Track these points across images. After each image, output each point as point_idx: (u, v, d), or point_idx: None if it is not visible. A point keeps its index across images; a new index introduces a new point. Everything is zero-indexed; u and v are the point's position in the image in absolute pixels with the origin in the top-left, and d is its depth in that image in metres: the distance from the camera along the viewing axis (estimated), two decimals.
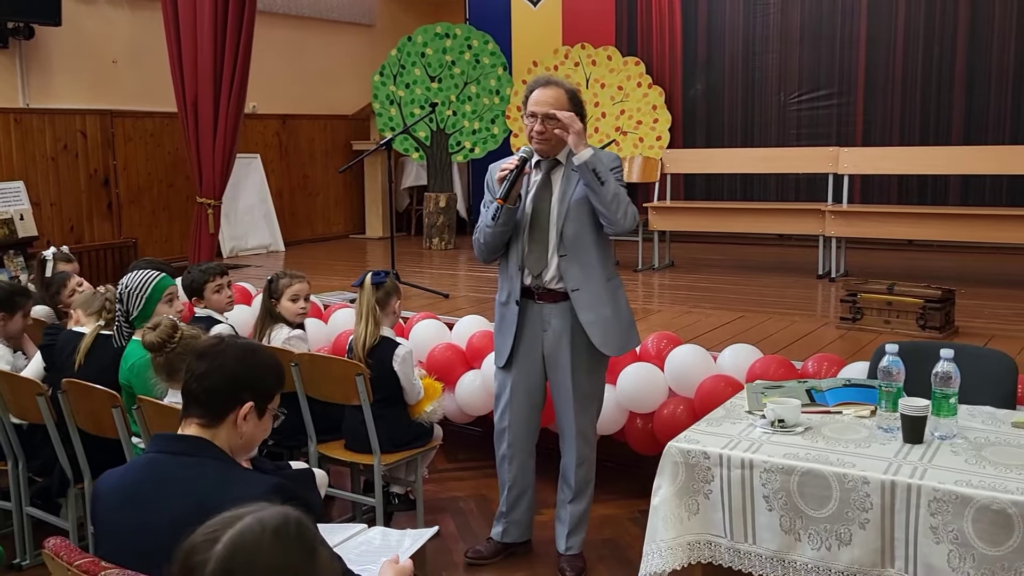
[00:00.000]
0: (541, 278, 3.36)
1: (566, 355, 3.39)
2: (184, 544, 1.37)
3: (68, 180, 7.53)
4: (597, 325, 3.34)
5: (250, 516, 1.37)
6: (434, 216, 8.65)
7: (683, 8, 8.54)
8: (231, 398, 2.03)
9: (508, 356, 3.46)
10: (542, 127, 3.26)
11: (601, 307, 3.35)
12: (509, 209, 3.28)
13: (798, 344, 4.58)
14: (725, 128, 8.47)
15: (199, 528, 1.38)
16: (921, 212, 6.53)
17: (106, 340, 3.64)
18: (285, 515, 1.38)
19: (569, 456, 3.52)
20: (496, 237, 3.36)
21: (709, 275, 6.82)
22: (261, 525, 1.35)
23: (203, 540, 1.35)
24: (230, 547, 1.33)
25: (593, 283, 3.34)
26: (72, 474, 3.51)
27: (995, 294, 5.71)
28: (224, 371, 2.03)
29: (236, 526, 1.35)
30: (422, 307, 5.61)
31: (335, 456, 3.87)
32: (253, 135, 8.95)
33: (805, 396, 2.85)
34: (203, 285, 4.20)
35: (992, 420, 2.66)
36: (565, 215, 3.31)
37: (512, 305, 3.41)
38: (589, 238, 3.34)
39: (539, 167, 3.39)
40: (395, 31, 9.86)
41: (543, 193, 3.36)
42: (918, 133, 7.64)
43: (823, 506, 2.35)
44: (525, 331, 3.43)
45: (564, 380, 3.43)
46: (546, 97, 3.26)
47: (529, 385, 3.50)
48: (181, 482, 1.94)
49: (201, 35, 6.89)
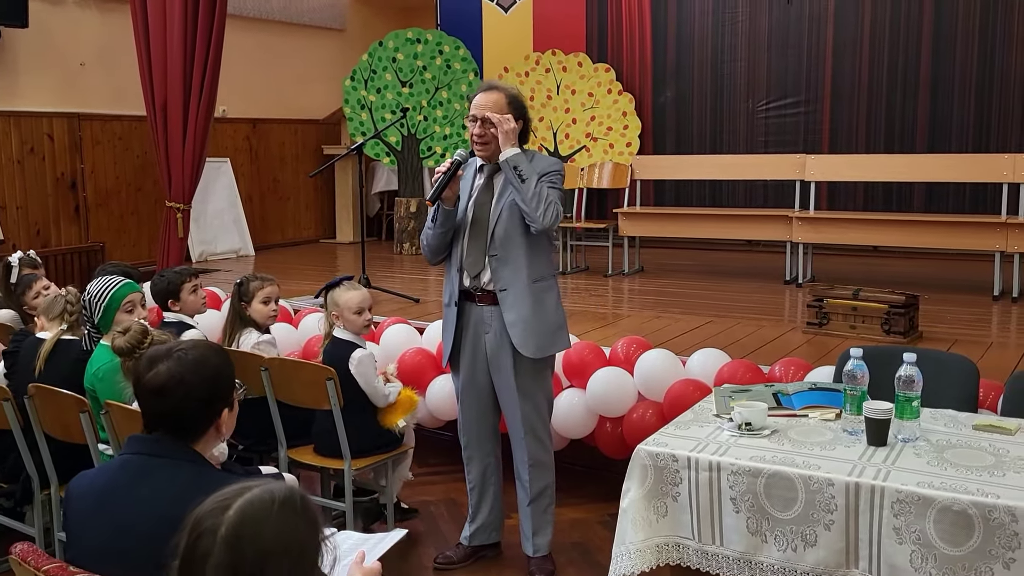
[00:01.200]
0: (479, 279, 3.39)
1: (507, 356, 3.41)
2: (193, 513, 1.43)
3: (34, 183, 7.45)
4: (516, 326, 3.35)
5: (259, 487, 1.44)
6: (405, 221, 8.65)
7: (653, 16, 8.61)
8: (209, 417, 2.06)
9: (450, 357, 3.52)
10: (480, 130, 3.30)
11: (522, 308, 3.35)
12: (446, 211, 3.34)
13: (765, 348, 4.63)
14: (694, 135, 8.54)
15: (208, 498, 1.44)
16: (886, 219, 6.63)
17: (67, 345, 3.60)
18: (291, 489, 1.46)
19: (520, 456, 3.53)
20: (437, 238, 3.41)
21: (678, 280, 6.88)
22: (271, 495, 1.42)
23: (214, 507, 1.41)
24: (240, 513, 1.39)
25: (519, 284, 3.34)
26: (39, 480, 3.48)
27: (958, 300, 5.80)
28: (194, 397, 2.02)
29: (246, 495, 1.42)
30: (393, 312, 5.61)
31: (305, 461, 3.86)
32: (223, 139, 8.90)
33: (772, 400, 2.89)
34: (179, 286, 4.19)
35: (954, 423, 2.71)
36: (498, 216, 3.35)
37: (452, 307, 3.47)
38: (519, 239, 3.35)
39: (483, 171, 3.43)
40: (366, 36, 9.86)
41: (484, 197, 3.40)
42: (883, 141, 7.75)
43: (789, 508, 2.39)
44: (467, 332, 3.47)
45: (508, 381, 3.45)
46: (484, 101, 3.31)
47: (477, 387, 3.53)
48: (156, 484, 1.94)
49: (171, 38, 6.84)
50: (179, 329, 3.95)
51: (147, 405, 2.04)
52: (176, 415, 2.01)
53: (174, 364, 2.03)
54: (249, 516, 1.39)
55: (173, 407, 2.00)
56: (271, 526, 1.40)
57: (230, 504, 1.41)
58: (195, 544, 1.40)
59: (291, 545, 1.41)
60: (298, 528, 1.42)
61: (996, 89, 7.35)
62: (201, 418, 2.04)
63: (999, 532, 2.13)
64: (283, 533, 1.41)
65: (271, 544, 1.39)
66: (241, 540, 1.38)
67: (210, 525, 1.39)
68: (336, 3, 10.26)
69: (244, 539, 1.38)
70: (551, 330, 3.44)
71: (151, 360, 2.06)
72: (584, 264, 7.51)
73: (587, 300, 6.23)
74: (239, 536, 1.38)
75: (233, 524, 1.38)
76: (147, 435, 2.05)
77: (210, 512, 1.41)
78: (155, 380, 2.01)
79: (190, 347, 2.09)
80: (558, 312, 3.49)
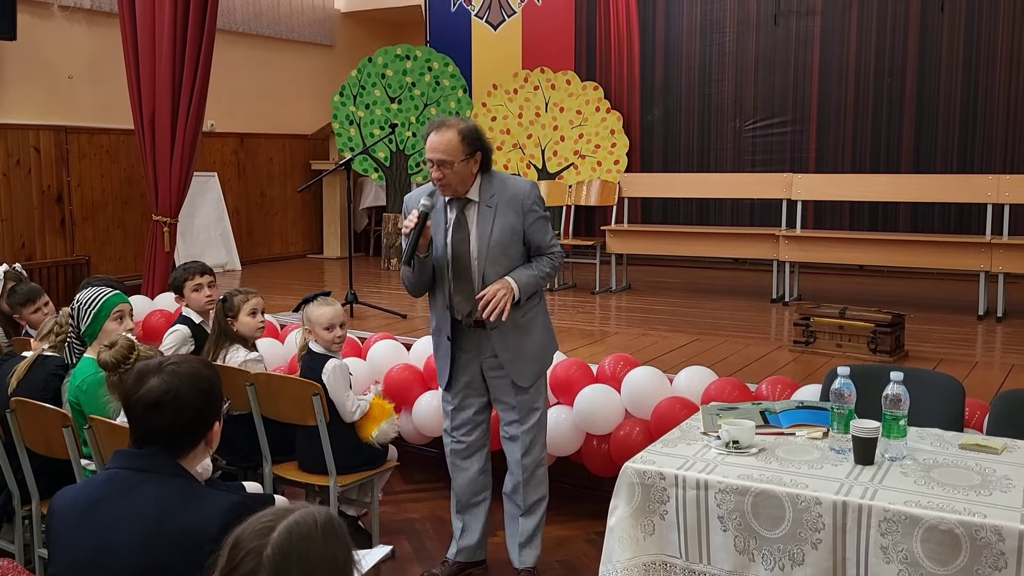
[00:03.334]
0: (470, 316, 3.40)
1: (506, 381, 3.43)
2: (230, 536, 1.44)
3: (20, 196, 7.41)
4: (514, 363, 3.40)
5: (301, 511, 1.46)
6: (392, 236, 8.64)
7: (641, 34, 8.66)
8: (202, 430, 2.06)
9: (448, 379, 3.50)
10: (438, 173, 3.26)
11: (516, 342, 3.39)
12: (421, 259, 3.32)
13: (752, 367, 4.64)
14: (681, 153, 8.58)
15: (246, 521, 1.46)
16: (872, 238, 6.66)
17: (44, 359, 3.58)
18: (330, 513, 1.49)
19: (516, 469, 3.53)
20: (417, 284, 3.41)
21: (665, 298, 6.89)
22: (314, 518, 1.45)
23: (257, 528, 1.43)
24: (286, 535, 1.41)
25: (508, 322, 3.33)
26: (20, 496, 3.44)
27: (944, 319, 5.83)
28: (189, 411, 2.02)
29: (290, 518, 1.44)
30: (380, 327, 5.59)
31: (289, 477, 3.83)
32: (211, 153, 8.89)
33: (759, 418, 2.89)
34: (183, 282, 4.37)
35: (940, 442, 2.71)
36: (486, 257, 3.33)
37: (444, 339, 3.47)
38: None
39: (452, 205, 3.38)
40: (355, 52, 9.88)
41: (460, 233, 3.36)
42: (869, 161, 7.80)
43: (776, 526, 2.38)
44: (461, 356, 3.47)
45: (507, 401, 3.46)
46: (438, 142, 3.25)
47: (472, 405, 3.53)
48: (142, 498, 1.92)
49: (160, 52, 6.83)
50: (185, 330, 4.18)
51: (140, 420, 2.02)
52: (171, 429, 2.00)
53: (169, 378, 2.03)
54: (296, 538, 1.41)
55: (169, 421, 2.00)
56: (316, 548, 1.42)
57: (274, 526, 1.42)
58: (238, 564, 1.41)
59: (334, 568, 1.44)
60: (339, 551, 1.45)
61: (980, 110, 7.41)
62: (195, 431, 2.04)
63: (986, 551, 2.14)
64: (326, 556, 1.43)
65: (316, 566, 1.42)
66: (287, 561, 1.39)
67: (254, 546, 1.40)
68: (326, 19, 10.28)
69: (290, 561, 1.39)
70: (544, 353, 3.51)
71: (142, 375, 2.05)
72: (572, 281, 7.52)
73: (574, 317, 6.23)
74: (286, 557, 1.39)
75: (279, 545, 1.40)
76: (134, 449, 2.03)
77: (255, 533, 1.42)
78: (150, 395, 2.00)
79: (181, 360, 2.10)
80: (547, 332, 3.53)
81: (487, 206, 3.33)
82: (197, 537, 1.86)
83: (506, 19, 9.21)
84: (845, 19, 7.81)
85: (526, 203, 3.35)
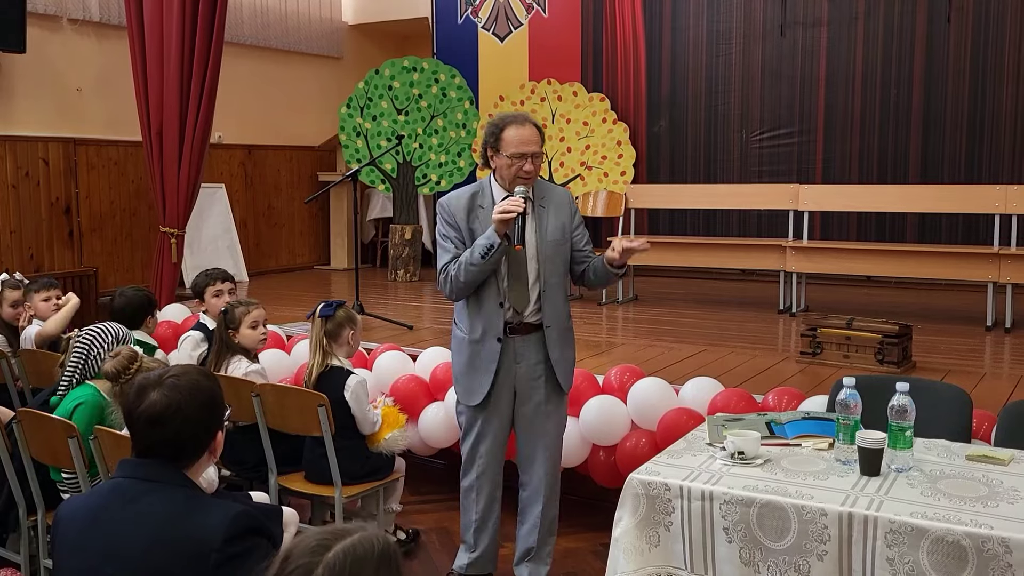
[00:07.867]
0: (521, 314, 3.37)
1: (540, 388, 3.42)
2: (283, 551, 1.42)
3: (29, 207, 7.44)
4: (560, 364, 3.42)
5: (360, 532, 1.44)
6: (399, 248, 8.65)
7: (647, 46, 8.68)
8: (204, 441, 2.06)
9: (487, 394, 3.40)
10: (533, 166, 3.27)
11: (563, 345, 3.44)
12: (504, 247, 3.25)
13: (759, 378, 4.62)
14: (688, 164, 8.58)
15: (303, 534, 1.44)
16: (879, 249, 6.64)
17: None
18: (387, 538, 1.46)
19: (538, 487, 3.50)
20: (482, 274, 3.30)
21: (672, 309, 6.88)
22: (372, 543, 1.43)
23: (312, 545, 1.41)
24: (341, 556, 1.39)
25: (559, 321, 3.41)
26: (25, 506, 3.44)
27: (951, 330, 5.81)
28: (192, 424, 2.01)
29: (348, 539, 1.41)
30: (386, 339, 5.59)
31: (295, 488, 3.83)
32: (218, 165, 8.92)
33: (765, 429, 2.88)
34: (204, 288, 4.61)
35: (947, 453, 2.70)
36: (544, 255, 3.35)
37: (492, 342, 3.37)
38: (560, 279, 3.42)
39: None
40: (362, 64, 9.91)
41: None
42: (876, 171, 7.79)
43: (782, 538, 2.37)
44: (504, 362, 3.41)
45: (538, 412, 3.44)
46: (530, 135, 3.27)
47: (501, 418, 3.49)
48: (147, 507, 1.92)
49: (168, 64, 6.87)
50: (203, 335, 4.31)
51: (142, 434, 2.01)
52: (174, 442, 2.00)
53: (169, 392, 2.00)
54: (353, 559, 1.39)
55: (171, 435, 1.99)
56: (368, 572, 1.40)
57: (330, 545, 1.40)
58: None
59: None
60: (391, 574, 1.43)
61: (987, 121, 7.40)
62: (198, 443, 2.04)
63: (993, 563, 2.12)
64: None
65: None
66: None
67: (304, 563, 1.39)
68: (333, 31, 10.32)
69: None
70: (574, 363, 3.57)
71: (142, 388, 2.03)
72: (578, 292, 7.51)
73: (581, 328, 6.21)
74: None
75: (331, 566, 1.38)
76: (137, 459, 2.03)
77: (308, 549, 1.40)
78: (151, 410, 1.98)
79: (180, 372, 2.07)
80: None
81: (540, 206, 3.36)
82: (202, 546, 1.86)
83: (513, 31, 9.24)
84: (852, 30, 7.81)
85: (572, 207, 3.45)
